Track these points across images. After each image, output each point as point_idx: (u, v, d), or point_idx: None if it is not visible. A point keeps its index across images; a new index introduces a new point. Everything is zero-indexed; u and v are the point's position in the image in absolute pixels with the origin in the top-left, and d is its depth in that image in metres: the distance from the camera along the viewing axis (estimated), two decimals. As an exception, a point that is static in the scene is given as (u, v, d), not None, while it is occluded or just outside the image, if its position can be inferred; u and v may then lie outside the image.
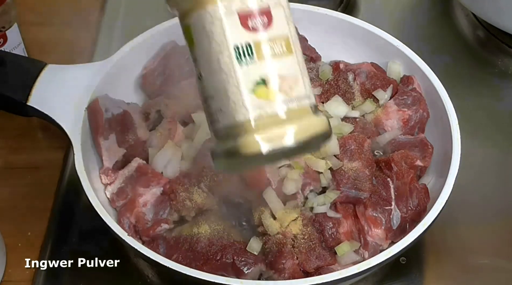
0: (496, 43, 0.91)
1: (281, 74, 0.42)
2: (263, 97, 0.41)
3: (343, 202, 0.65)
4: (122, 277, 0.67)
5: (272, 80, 0.41)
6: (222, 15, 0.41)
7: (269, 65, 0.42)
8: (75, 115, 0.68)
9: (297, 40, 0.43)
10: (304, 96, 0.43)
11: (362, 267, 0.58)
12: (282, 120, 0.42)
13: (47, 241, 0.69)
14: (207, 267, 0.60)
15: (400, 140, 0.71)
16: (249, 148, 0.42)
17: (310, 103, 0.43)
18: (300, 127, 0.42)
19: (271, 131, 0.42)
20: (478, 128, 0.81)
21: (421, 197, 0.65)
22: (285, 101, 0.42)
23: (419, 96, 0.72)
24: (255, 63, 0.41)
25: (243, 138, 0.42)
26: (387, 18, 0.95)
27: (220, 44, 0.41)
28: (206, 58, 0.42)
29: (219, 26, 0.41)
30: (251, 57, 0.41)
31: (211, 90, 0.43)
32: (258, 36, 0.42)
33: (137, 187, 0.65)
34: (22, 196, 0.73)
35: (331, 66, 0.75)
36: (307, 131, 0.42)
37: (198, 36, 0.42)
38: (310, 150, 0.43)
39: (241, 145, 0.42)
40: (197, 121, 0.69)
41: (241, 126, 0.42)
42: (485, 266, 0.69)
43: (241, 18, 0.41)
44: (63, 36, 0.90)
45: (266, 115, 0.42)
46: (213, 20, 0.41)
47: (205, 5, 0.42)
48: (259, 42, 0.41)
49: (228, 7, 0.41)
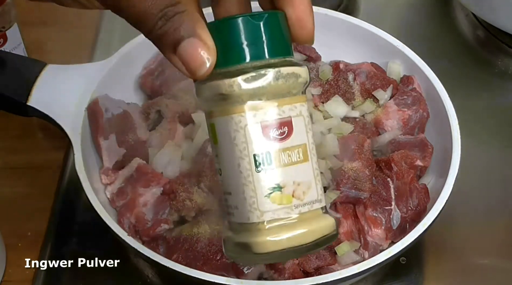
0: (496, 43, 0.91)
1: (296, 181, 0.44)
2: (277, 202, 0.44)
3: (343, 202, 0.65)
4: (122, 277, 0.67)
5: (287, 186, 0.44)
6: (246, 125, 0.43)
7: (285, 173, 0.44)
8: (75, 115, 0.68)
9: (314, 146, 0.46)
10: (316, 200, 0.45)
11: (362, 267, 0.58)
12: (294, 224, 0.44)
13: (47, 241, 0.69)
14: (207, 267, 0.60)
15: (400, 140, 0.71)
16: (260, 248, 0.44)
17: (321, 206, 0.46)
18: (309, 230, 0.44)
19: (282, 233, 0.44)
20: (478, 128, 0.81)
21: (421, 197, 0.65)
22: (298, 205, 0.44)
23: (419, 96, 0.72)
24: (272, 170, 0.44)
25: (255, 238, 0.44)
26: (387, 18, 0.95)
27: (242, 150, 0.44)
28: (227, 159, 0.44)
29: (242, 135, 0.43)
30: (270, 165, 0.43)
31: (229, 188, 0.45)
32: (278, 145, 0.44)
33: (137, 187, 0.65)
34: (22, 196, 0.73)
35: (331, 66, 0.75)
36: (316, 233, 0.45)
37: (221, 137, 0.45)
38: (318, 249, 0.46)
39: (252, 243, 0.44)
40: (197, 121, 0.69)
41: (255, 226, 0.44)
42: (485, 266, 0.69)
43: (263, 128, 0.43)
44: (63, 36, 0.90)
45: (278, 219, 0.44)
46: (237, 128, 0.43)
47: (232, 113, 0.44)
48: (278, 151, 0.44)
49: (253, 118, 0.43)
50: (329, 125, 0.70)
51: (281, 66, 0.43)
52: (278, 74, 0.43)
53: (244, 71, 0.43)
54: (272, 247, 0.44)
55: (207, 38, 0.42)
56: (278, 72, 0.43)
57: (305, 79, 0.45)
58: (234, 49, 0.43)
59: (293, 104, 0.44)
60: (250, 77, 0.43)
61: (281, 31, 0.44)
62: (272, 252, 0.44)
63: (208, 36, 0.42)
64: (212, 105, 0.45)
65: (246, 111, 0.43)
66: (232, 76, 0.43)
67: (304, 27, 0.45)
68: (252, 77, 0.43)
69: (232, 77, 0.43)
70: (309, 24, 0.45)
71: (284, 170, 0.44)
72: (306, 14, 0.44)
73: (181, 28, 0.42)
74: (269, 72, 0.43)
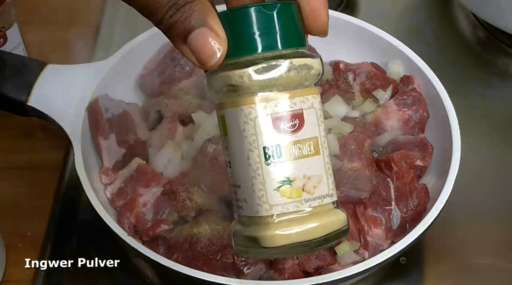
0: (496, 43, 0.91)
1: (307, 175, 0.43)
2: (286, 196, 0.43)
3: (343, 202, 0.65)
4: (122, 277, 0.67)
5: (297, 180, 0.43)
6: (257, 117, 0.43)
7: (295, 166, 0.43)
8: (75, 115, 0.68)
9: (325, 139, 0.45)
10: (327, 195, 0.44)
11: (362, 267, 0.58)
12: (303, 218, 0.43)
13: (47, 241, 0.69)
14: (207, 267, 0.60)
15: (400, 141, 0.71)
16: (269, 241, 0.43)
17: (332, 200, 0.45)
18: (320, 225, 0.44)
19: (292, 227, 0.43)
20: (478, 128, 0.81)
21: (421, 197, 0.65)
22: (308, 200, 0.43)
23: (419, 96, 0.72)
24: (282, 164, 0.43)
25: (264, 232, 0.43)
26: (387, 18, 0.95)
27: (252, 143, 0.43)
28: (236, 152, 0.44)
29: (252, 127, 0.43)
30: (279, 158, 0.43)
31: (238, 181, 0.44)
32: (288, 138, 0.43)
33: (137, 187, 0.65)
34: (22, 196, 0.73)
35: (331, 66, 0.75)
36: (327, 228, 0.44)
37: (231, 130, 0.44)
38: (329, 244, 0.45)
39: (261, 237, 0.44)
40: (197, 121, 0.69)
41: (264, 220, 0.44)
42: (485, 266, 0.69)
43: (273, 120, 0.43)
44: (63, 36, 0.90)
45: (288, 213, 0.43)
46: (247, 120, 0.43)
47: (242, 104, 0.43)
48: (288, 144, 0.43)
49: (263, 110, 0.43)
50: (329, 125, 0.70)
51: (294, 58, 0.43)
52: (290, 65, 0.42)
53: (256, 63, 0.42)
54: (281, 241, 0.43)
55: (218, 28, 0.41)
56: (290, 64, 0.42)
57: (318, 71, 0.44)
58: (245, 40, 0.42)
59: (305, 97, 0.44)
60: (261, 68, 0.42)
61: (294, 22, 0.44)
62: (281, 246, 0.43)
63: (219, 26, 0.42)
64: (222, 97, 0.44)
65: (256, 103, 0.43)
66: (243, 67, 0.42)
67: (318, 19, 0.44)
68: (263, 68, 0.42)
69: (243, 68, 0.42)
70: (323, 16, 0.44)
71: (294, 163, 0.43)
72: (320, 5, 0.44)
73: (192, 17, 0.41)
74: (281, 63, 0.42)
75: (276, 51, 0.43)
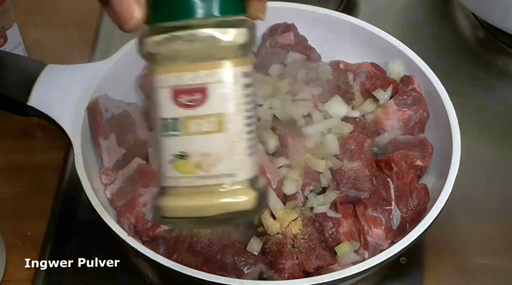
0: (496, 43, 0.91)
1: (203, 152, 0.42)
2: (179, 170, 0.43)
3: (343, 202, 0.65)
4: (122, 277, 0.67)
5: (192, 156, 0.42)
6: (157, 87, 0.42)
7: (192, 142, 0.42)
8: (75, 115, 0.68)
9: (249, 119, 0.43)
10: (227, 174, 0.43)
11: (362, 267, 0.58)
12: (193, 194, 0.43)
13: (47, 241, 0.69)
14: (207, 267, 0.60)
15: (400, 140, 0.71)
16: (162, 211, 0.44)
17: (233, 181, 0.43)
18: (212, 203, 0.43)
19: (179, 202, 0.43)
20: (478, 128, 0.81)
21: (421, 197, 0.65)
22: (203, 177, 0.42)
23: (419, 96, 0.72)
24: (178, 138, 0.42)
25: (159, 202, 0.44)
26: (387, 18, 0.95)
27: (155, 113, 0.43)
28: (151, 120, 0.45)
29: (155, 97, 0.43)
30: (176, 132, 0.42)
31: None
32: (187, 112, 0.42)
33: (137, 187, 0.65)
34: (22, 196, 0.73)
35: (331, 66, 0.75)
36: (221, 207, 0.43)
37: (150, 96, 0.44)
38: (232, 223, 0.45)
39: (157, 206, 0.44)
40: (197, 121, 0.69)
41: (161, 190, 0.44)
42: (485, 266, 0.69)
43: (173, 93, 0.42)
44: (63, 36, 0.90)
45: (180, 187, 0.43)
46: (153, 89, 0.43)
47: (153, 72, 0.43)
48: (186, 119, 0.42)
49: (164, 81, 0.42)
50: (329, 125, 0.70)
51: (201, 28, 0.41)
52: (193, 37, 0.41)
53: (163, 31, 0.41)
54: (170, 213, 0.43)
55: None
56: (192, 35, 0.41)
57: (234, 43, 0.42)
58: (161, 6, 0.41)
59: (213, 70, 0.41)
60: (164, 39, 0.41)
61: None
62: (172, 217, 0.43)
63: None
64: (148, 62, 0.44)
65: (159, 73, 0.42)
66: (154, 34, 0.42)
67: None
68: (166, 39, 0.41)
69: (153, 35, 0.42)
70: None
71: (191, 138, 0.42)
72: None
73: None
74: (183, 34, 0.41)
75: (189, 20, 0.41)
